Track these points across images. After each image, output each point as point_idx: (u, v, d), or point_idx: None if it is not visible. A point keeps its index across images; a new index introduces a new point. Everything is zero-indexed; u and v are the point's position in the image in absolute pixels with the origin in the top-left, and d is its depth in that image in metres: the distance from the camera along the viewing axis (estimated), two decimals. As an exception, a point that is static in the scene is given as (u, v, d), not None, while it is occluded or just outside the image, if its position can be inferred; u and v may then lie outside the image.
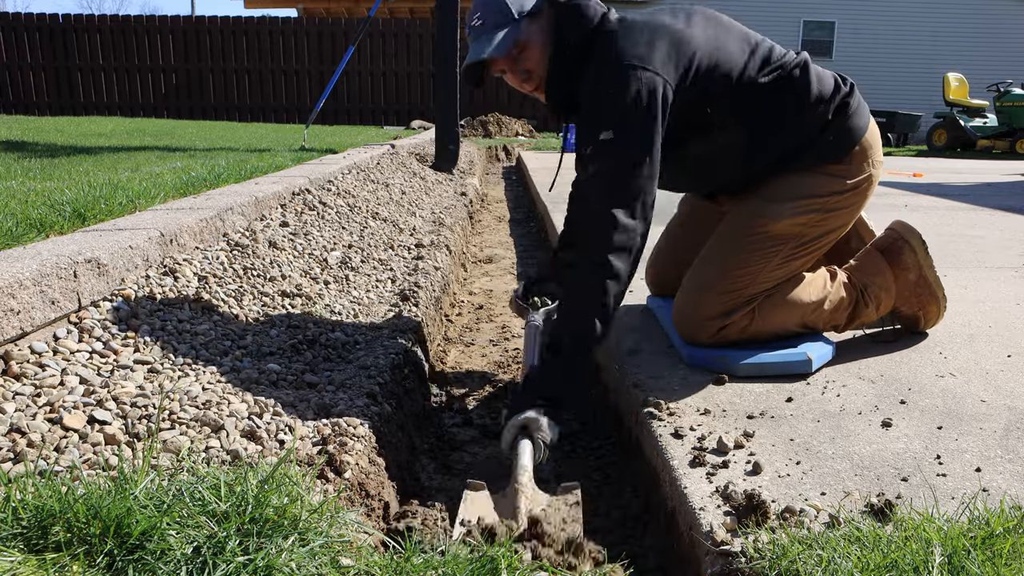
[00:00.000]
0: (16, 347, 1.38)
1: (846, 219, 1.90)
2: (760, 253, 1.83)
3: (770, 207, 1.83)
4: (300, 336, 1.94)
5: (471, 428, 1.98)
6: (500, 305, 3.21)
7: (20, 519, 0.93)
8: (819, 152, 1.82)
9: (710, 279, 1.86)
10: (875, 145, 1.87)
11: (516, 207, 6.16)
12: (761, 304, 1.85)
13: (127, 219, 2.17)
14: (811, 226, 1.84)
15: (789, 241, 1.83)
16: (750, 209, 1.87)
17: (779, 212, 1.82)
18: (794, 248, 1.84)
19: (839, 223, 1.89)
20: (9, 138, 6.16)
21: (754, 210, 1.86)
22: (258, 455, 1.31)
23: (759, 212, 1.85)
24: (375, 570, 1.02)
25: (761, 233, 1.83)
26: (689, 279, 1.92)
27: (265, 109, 14.52)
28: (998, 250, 3.44)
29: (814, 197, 1.82)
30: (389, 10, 17.40)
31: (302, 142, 6.36)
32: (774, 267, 1.84)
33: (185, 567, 0.90)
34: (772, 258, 1.83)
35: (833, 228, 1.88)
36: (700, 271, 1.90)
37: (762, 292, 1.85)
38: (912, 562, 0.96)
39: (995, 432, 1.48)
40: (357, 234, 3.20)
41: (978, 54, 17.46)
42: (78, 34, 14.12)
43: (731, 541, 1.12)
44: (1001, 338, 2.08)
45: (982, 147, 12.73)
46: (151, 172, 3.55)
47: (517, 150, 10.80)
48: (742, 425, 1.53)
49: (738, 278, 1.83)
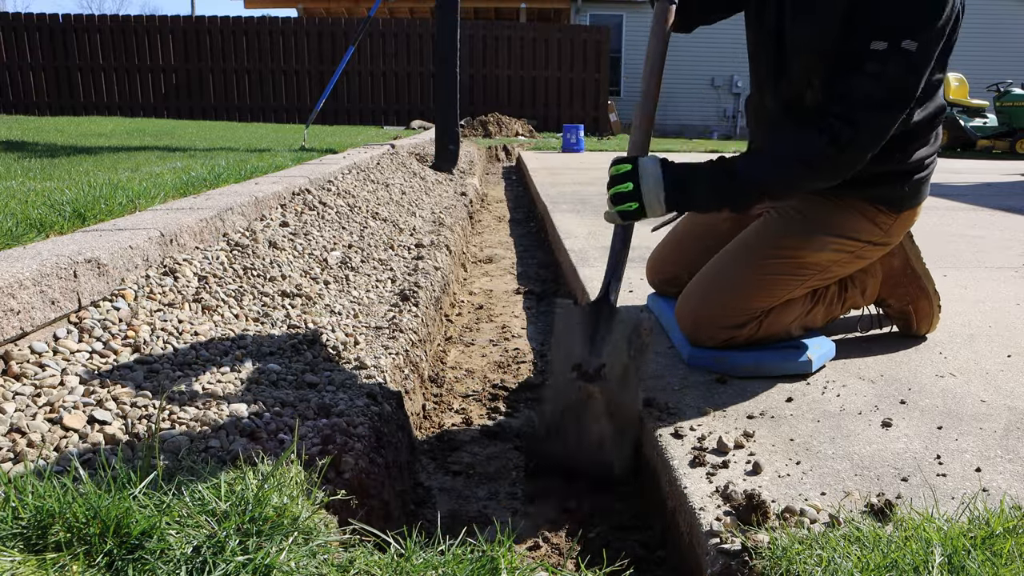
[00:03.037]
0: (16, 347, 1.38)
1: (861, 267, 1.90)
2: (787, 278, 1.79)
3: (810, 238, 1.77)
4: (300, 336, 1.94)
5: (471, 428, 1.98)
6: (500, 305, 3.21)
7: (20, 519, 0.93)
8: (886, 193, 1.75)
9: (728, 294, 1.80)
10: (917, 218, 1.85)
11: (516, 207, 6.16)
12: (767, 313, 1.84)
13: (127, 219, 2.17)
14: (838, 265, 1.83)
15: (816, 271, 1.81)
16: (789, 226, 1.80)
17: (819, 245, 1.78)
18: (816, 277, 1.83)
19: (855, 268, 1.89)
20: (9, 138, 6.16)
21: (793, 229, 1.79)
22: (258, 455, 1.31)
23: (798, 236, 1.78)
24: (375, 570, 1.02)
25: (794, 259, 1.79)
26: (704, 287, 1.86)
27: (265, 109, 14.52)
28: (998, 250, 3.44)
29: (853, 239, 1.79)
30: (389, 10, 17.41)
31: (302, 142, 6.36)
32: (792, 290, 1.82)
33: (185, 567, 0.90)
34: (796, 285, 1.81)
35: (849, 271, 1.89)
36: (718, 281, 1.84)
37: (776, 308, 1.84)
38: (912, 562, 0.96)
39: (995, 432, 1.48)
40: (357, 234, 3.20)
41: (978, 54, 17.45)
42: (78, 34, 14.11)
43: (731, 541, 1.12)
44: (1001, 338, 2.08)
45: (982, 147, 12.72)
46: (151, 172, 3.55)
47: (517, 150, 10.79)
48: (742, 425, 1.53)
49: (760, 298, 1.80)
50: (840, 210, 1.78)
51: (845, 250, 1.81)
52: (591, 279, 2.74)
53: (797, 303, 1.87)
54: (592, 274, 2.82)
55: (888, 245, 1.86)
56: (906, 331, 2.07)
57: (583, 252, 3.17)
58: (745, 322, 1.82)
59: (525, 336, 2.78)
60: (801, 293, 1.86)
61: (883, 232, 1.81)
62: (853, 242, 1.80)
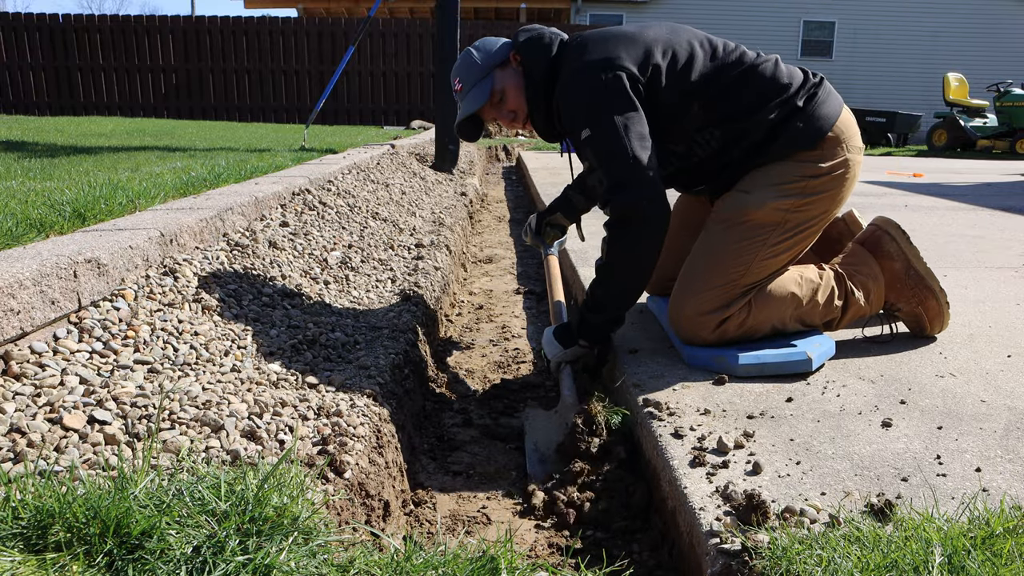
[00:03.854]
0: (16, 347, 1.38)
1: (827, 205, 1.90)
2: (747, 242, 1.85)
3: (750, 196, 1.87)
4: (300, 336, 1.94)
5: (471, 428, 1.98)
6: (500, 305, 3.21)
7: (20, 519, 0.93)
8: (791, 140, 1.85)
9: (703, 274, 1.89)
10: (848, 131, 1.89)
11: (516, 207, 6.16)
12: (756, 297, 1.87)
13: (127, 219, 2.17)
14: (793, 211, 1.86)
15: (774, 228, 1.86)
16: (731, 202, 1.91)
17: (760, 199, 1.86)
18: (780, 236, 1.86)
19: (820, 209, 1.90)
20: (9, 138, 6.16)
21: (735, 202, 1.90)
22: (258, 455, 1.31)
23: (740, 203, 1.88)
24: (375, 570, 1.02)
25: (745, 222, 1.86)
26: (682, 278, 1.94)
27: (265, 109, 14.51)
28: (998, 250, 3.44)
29: (791, 182, 1.85)
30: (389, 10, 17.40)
31: (302, 142, 6.36)
32: (764, 256, 1.86)
33: (185, 566, 0.90)
34: (759, 247, 1.85)
35: (815, 215, 1.89)
36: (691, 268, 1.93)
37: (755, 283, 1.87)
38: (912, 562, 0.96)
39: (995, 432, 1.48)
40: (357, 234, 3.20)
41: (978, 54, 17.47)
42: (78, 34, 14.10)
43: (731, 541, 1.12)
44: (1001, 338, 2.08)
45: (982, 147, 12.73)
46: (151, 172, 3.55)
47: (517, 150, 10.80)
48: (742, 425, 1.53)
49: (730, 269, 1.86)
50: (769, 167, 1.88)
51: (789, 194, 1.85)
52: (590, 279, 2.74)
53: (789, 288, 1.88)
54: (592, 274, 2.81)
55: (834, 171, 1.86)
56: (919, 333, 2.06)
57: (583, 252, 3.17)
58: (726, 303, 1.85)
59: (525, 336, 2.78)
60: (779, 259, 1.88)
61: (816, 162, 1.85)
62: (792, 184, 1.85)
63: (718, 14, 17.23)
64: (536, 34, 1.97)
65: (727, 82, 1.85)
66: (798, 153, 1.86)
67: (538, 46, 1.95)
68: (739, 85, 1.85)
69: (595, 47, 1.85)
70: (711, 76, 1.85)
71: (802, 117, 1.84)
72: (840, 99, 1.94)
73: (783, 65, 1.91)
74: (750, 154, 1.88)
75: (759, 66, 1.87)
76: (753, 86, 1.85)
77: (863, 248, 2.05)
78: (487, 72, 1.99)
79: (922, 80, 17.32)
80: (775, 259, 1.88)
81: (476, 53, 2.01)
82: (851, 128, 1.91)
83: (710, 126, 1.87)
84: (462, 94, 2.02)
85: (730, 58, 1.88)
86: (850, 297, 1.97)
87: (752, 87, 1.85)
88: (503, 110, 2.03)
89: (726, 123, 1.86)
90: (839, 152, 1.87)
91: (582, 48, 1.87)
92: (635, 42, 1.85)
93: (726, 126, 1.86)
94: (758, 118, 1.84)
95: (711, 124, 1.87)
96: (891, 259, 1.99)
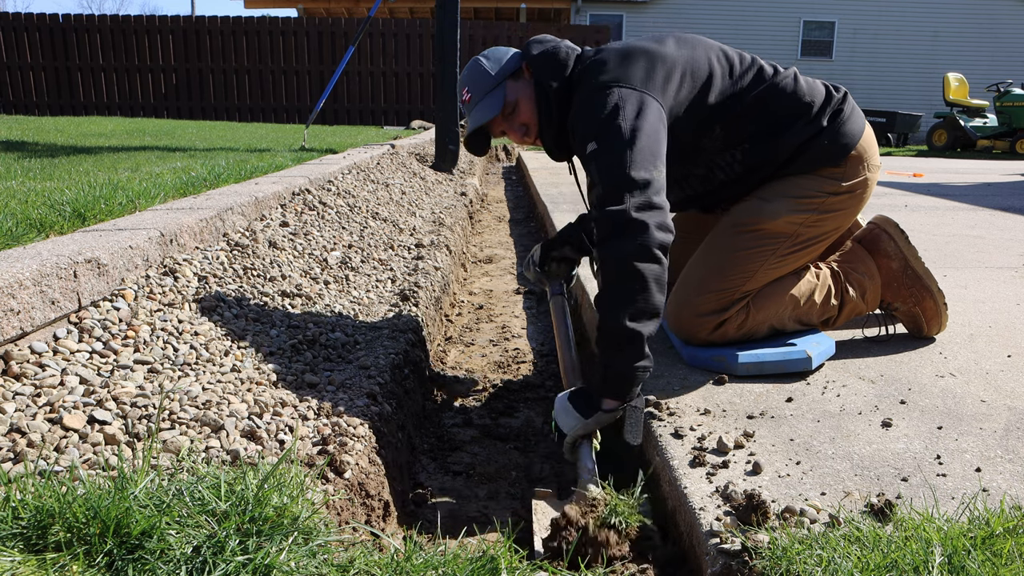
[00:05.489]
0: (16, 347, 1.38)
1: (841, 222, 1.91)
2: (756, 251, 1.84)
3: (767, 205, 1.85)
4: (300, 336, 1.94)
5: (471, 428, 1.98)
6: (500, 305, 3.21)
7: (20, 519, 0.93)
8: (816, 157, 1.83)
9: (706, 276, 1.88)
10: (870, 150, 1.89)
11: (516, 207, 6.16)
12: (754, 299, 1.87)
13: (127, 219, 2.17)
14: (807, 226, 1.85)
15: (785, 240, 1.85)
16: (746, 208, 1.89)
17: (776, 210, 1.84)
18: (789, 247, 1.86)
19: (834, 225, 1.90)
20: (9, 138, 6.16)
21: (750, 208, 1.88)
22: (258, 455, 1.31)
23: (756, 210, 1.87)
24: (375, 570, 1.01)
25: (757, 230, 1.85)
26: (684, 278, 1.93)
27: (265, 109, 14.51)
28: (998, 250, 3.44)
29: (811, 197, 1.84)
30: (389, 10, 17.40)
31: (302, 142, 6.36)
32: (770, 265, 1.85)
33: (185, 566, 0.90)
34: (768, 256, 1.85)
35: (828, 230, 1.90)
36: (696, 269, 1.92)
37: (755, 290, 1.87)
38: (912, 562, 0.96)
39: (995, 432, 1.48)
40: (357, 234, 3.20)
41: (978, 54, 17.47)
42: (78, 34, 14.10)
43: (731, 541, 1.12)
44: (1001, 338, 2.08)
45: (982, 147, 12.72)
46: (151, 172, 3.55)
47: (517, 150, 10.80)
48: (742, 425, 1.53)
49: (734, 276, 1.85)
50: (790, 179, 1.86)
51: (807, 208, 1.84)
52: (590, 279, 2.74)
53: (787, 289, 1.88)
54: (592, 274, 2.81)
55: (854, 189, 1.86)
56: (917, 333, 2.06)
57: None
58: (725, 306, 1.84)
59: (525, 336, 2.78)
60: (783, 269, 1.87)
61: (838, 180, 1.84)
62: (811, 199, 1.84)
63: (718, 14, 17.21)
64: (551, 48, 1.87)
65: (748, 102, 1.80)
66: (822, 169, 1.85)
67: (553, 62, 1.84)
68: (760, 106, 1.81)
69: (614, 67, 1.74)
70: (731, 97, 1.80)
71: (827, 135, 1.83)
72: (862, 115, 1.92)
73: (803, 80, 1.87)
74: (773, 175, 1.87)
75: (779, 84, 1.83)
76: (775, 106, 1.81)
77: (861, 246, 2.05)
78: (499, 82, 1.87)
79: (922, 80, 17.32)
80: (780, 269, 1.88)
81: (486, 62, 1.90)
82: (873, 146, 1.90)
83: (731, 148, 1.84)
84: (471, 105, 1.91)
85: (748, 75, 1.83)
86: (846, 295, 1.97)
87: (774, 107, 1.81)
88: (515, 123, 1.91)
89: (748, 145, 1.83)
90: (861, 171, 1.86)
91: (600, 68, 1.76)
92: (654, 61, 1.76)
93: (747, 148, 1.83)
94: (782, 140, 1.81)
95: (731, 147, 1.84)
96: (889, 258, 1.99)
